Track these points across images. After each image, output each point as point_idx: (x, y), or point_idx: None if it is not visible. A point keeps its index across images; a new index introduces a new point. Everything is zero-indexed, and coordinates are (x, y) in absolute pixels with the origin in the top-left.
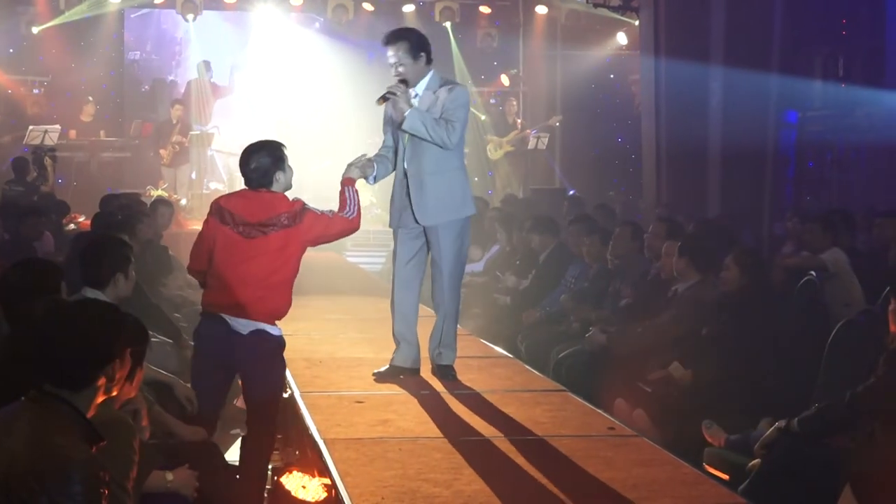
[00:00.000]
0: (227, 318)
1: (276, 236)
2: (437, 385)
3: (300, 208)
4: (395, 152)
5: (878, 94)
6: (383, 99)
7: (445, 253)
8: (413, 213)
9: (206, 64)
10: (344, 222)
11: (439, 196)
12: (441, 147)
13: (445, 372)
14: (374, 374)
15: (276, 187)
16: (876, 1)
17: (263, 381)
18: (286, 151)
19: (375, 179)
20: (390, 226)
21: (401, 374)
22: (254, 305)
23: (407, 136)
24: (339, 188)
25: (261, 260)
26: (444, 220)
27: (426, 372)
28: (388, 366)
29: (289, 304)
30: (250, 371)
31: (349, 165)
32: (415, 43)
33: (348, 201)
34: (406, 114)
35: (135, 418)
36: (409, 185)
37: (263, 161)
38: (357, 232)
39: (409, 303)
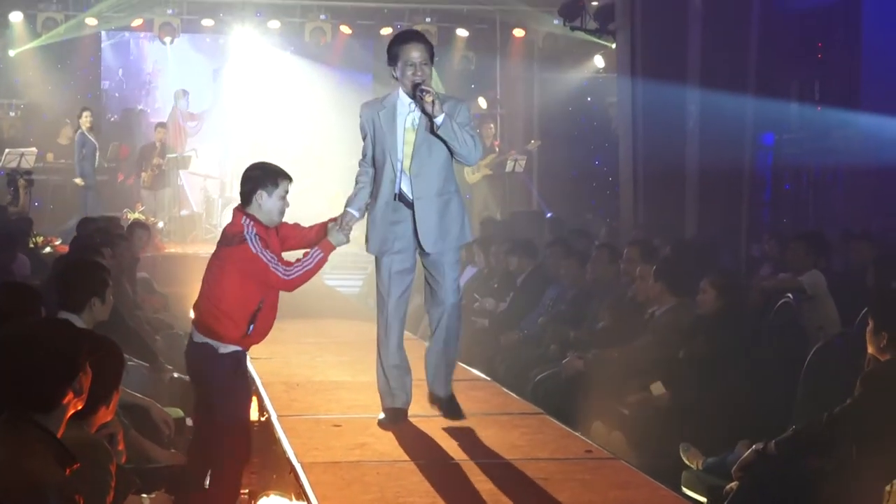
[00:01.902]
0: (193, 326)
1: (221, 251)
2: (415, 408)
3: (241, 234)
4: (374, 168)
5: (853, 116)
6: (421, 94)
7: (449, 281)
8: (416, 238)
9: (184, 93)
10: (278, 279)
11: (447, 220)
12: (463, 161)
13: (447, 404)
14: (379, 424)
15: (252, 208)
16: (851, 24)
17: (219, 398)
18: (285, 181)
19: (361, 212)
20: (370, 251)
21: (405, 416)
22: (201, 317)
23: (410, 154)
24: (311, 247)
25: (208, 273)
26: (450, 245)
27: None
28: (389, 411)
29: (235, 332)
30: (205, 387)
31: (335, 231)
32: (432, 51)
33: (303, 264)
34: (440, 117)
35: (111, 442)
36: (414, 208)
37: (248, 181)
38: (334, 254)
39: (401, 336)
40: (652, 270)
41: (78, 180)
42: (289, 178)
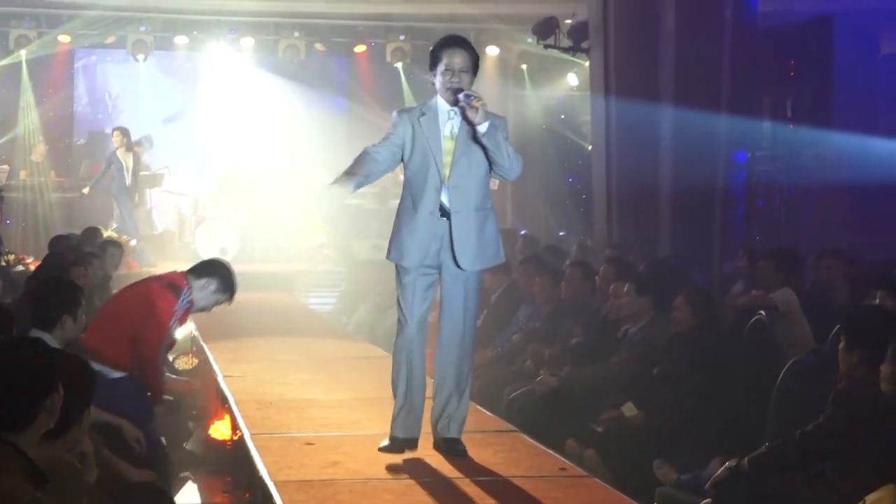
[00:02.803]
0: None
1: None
2: (388, 426)
3: (179, 289)
4: (409, 177)
5: (826, 134)
6: (468, 99)
7: (472, 304)
8: (452, 255)
9: (149, 140)
10: (153, 351)
11: (485, 237)
12: (503, 175)
13: (455, 447)
14: (381, 449)
15: (198, 286)
16: (823, 42)
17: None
18: (231, 295)
19: (358, 185)
20: (405, 263)
21: (408, 447)
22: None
23: (449, 163)
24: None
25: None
26: (484, 265)
27: (377, 411)
28: (397, 441)
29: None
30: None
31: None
32: (477, 61)
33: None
34: (485, 125)
35: (82, 461)
36: (451, 222)
37: (212, 270)
38: (307, 271)
39: (423, 358)
40: (626, 288)
41: (85, 190)
42: (233, 296)
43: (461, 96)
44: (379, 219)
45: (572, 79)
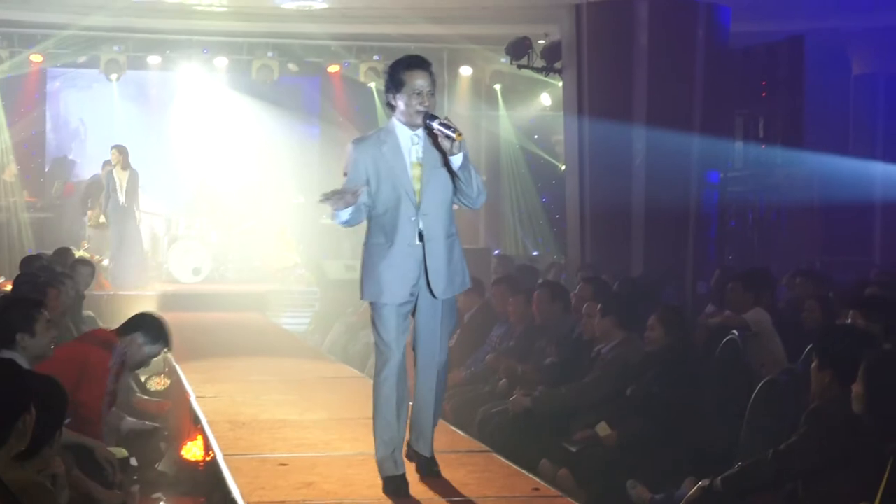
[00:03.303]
0: None
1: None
2: (360, 446)
3: (111, 345)
4: (377, 210)
5: (797, 154)
6: (442, 128)
7: (447, 331)
8: (427, 282)
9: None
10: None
11: (453, 263)
12: (469, 205)
13: (432, 468)
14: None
15: (133, 343)
16: (795, 63)
17: None
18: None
19: (349, 223)
20: (387, 301)
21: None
22: None
23: (418, 190)
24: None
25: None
26: (454, 292)
27: (351, 432)
28: (392, 480)
29: None
30: None
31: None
32: (435, 81)
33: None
34: (460, 155)
35: (54, 483)
36: (424, 250)
37: (149, 329)
38: (280, 291)
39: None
40: (599, 307)
41: (102, 219)
42: (168, 344)
43: (436, 125)
44: (352, 239)
45: (546, 99)
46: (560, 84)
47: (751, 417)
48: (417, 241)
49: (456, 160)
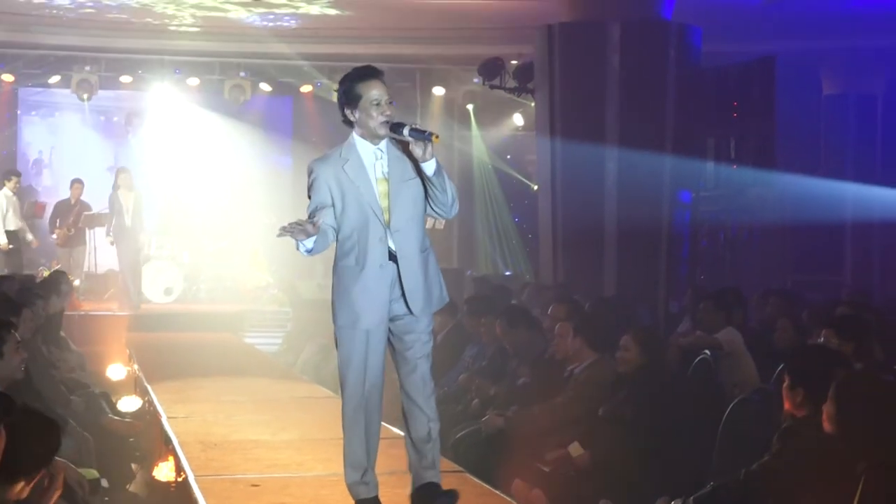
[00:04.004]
0: None
1: None
2: (335, 466)
3: None
4: (343, 232)
5: (768, 175)
6: (414, 133)
7: (428, 349)
8: (404, 301)
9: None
10: None
11: (429, 279)
12: (443, 214)
13: (441, 496)
14: None
15: None
16: (766, 84)
17: None
18: None
19: (313, 252)
20: (361, 327)
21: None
22: None
23: (387, 207)
24: None
25: None
26: (433, 308)
27: (324, 452)
28: (364, 500)
29: None
30: None
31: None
32: None
33: None
34: (433, 162)
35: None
36: (399, 268)
37: None
38: (252, 311)
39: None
40: (572, 328)
41: (109, 239)
42: None
43: (407, 131)
44: (325, 260)
45: (518, 119)
46: (532, 104)
47: (723, 437)
48: (389, 261)
49: (429, 167)
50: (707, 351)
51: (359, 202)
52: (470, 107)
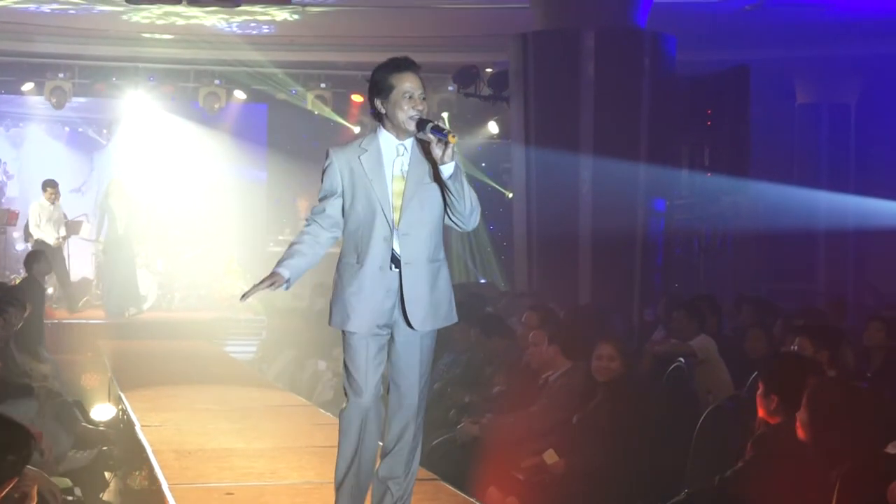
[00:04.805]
0: None
1: None
2: (310, 474)
3: None
4: (348, 227)
5: (742, 183)
6: (435, 131)
7: (426, 368)
8: (403, 314)
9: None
10: None
11: (437, 292)
12: (461, 224)
13: None
14: None
15: None
16: (740, 93)
17: None
18: None
19: (290, 283)
20: (352, 329)
21: None
22: None
23: (399, 207)
24: None
25: None
26: (437, 325)
27: (298, 460)
28: None
29: None
30: None
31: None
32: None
33: None
34: (451, 165)
35: None
36: (401, 274)
37: None
38: (227, 319)
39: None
40: (547, 336)
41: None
42: None
43: (428, 129)
44: None
45: (493, 127)
46: (508, 112)
47: (697, 444)
48: (390, 265)
49: (447, 169)
50: (681, 358)
51: (368, 197)
52: (445, 114)
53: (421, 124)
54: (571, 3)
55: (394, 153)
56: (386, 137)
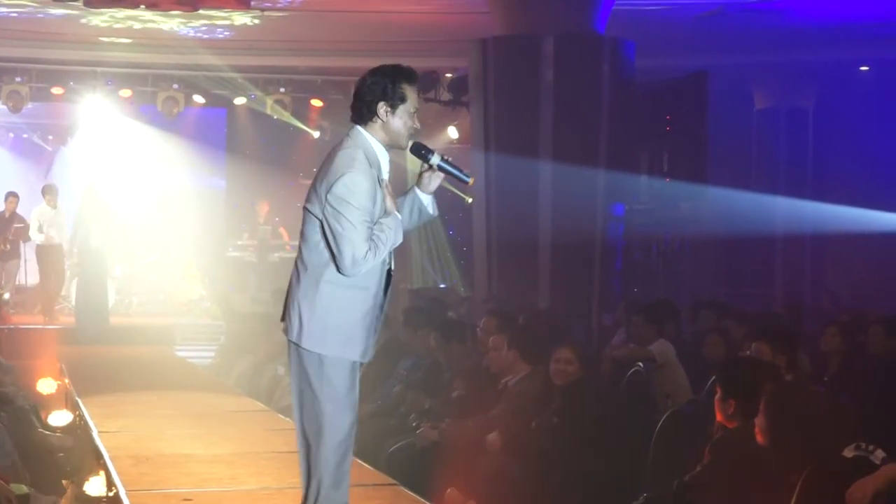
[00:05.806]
0: None
1: None
2: (266, 480)
3: None
4: None
5: (701, 188)
6: (444, 163)
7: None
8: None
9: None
10: None
11: None
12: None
13: None
14: None
15: None
16: (699, 99)
17: None
18: None
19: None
20: (362, 359)
21: None
22: None
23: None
24: None
25: None
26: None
27: (256, 466)
28: None
29: None
30: None
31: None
32: None
33: None
34: (431, 198)
35: None
36: (386, 292)
37: None
38: (185, 325)
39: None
40: (506, 341)
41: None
42: None
43: (435, 159)
44: (258, 272)
45: (452, 132)
46: (467, 117)
47: (656, 448)
48: (384, 282)
49: (426, 199)
50: (640, 363)
51: (378, 215)
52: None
53: (420, 149)
54: (531, 8)
55: (385, 167)
56: (379, 150)
